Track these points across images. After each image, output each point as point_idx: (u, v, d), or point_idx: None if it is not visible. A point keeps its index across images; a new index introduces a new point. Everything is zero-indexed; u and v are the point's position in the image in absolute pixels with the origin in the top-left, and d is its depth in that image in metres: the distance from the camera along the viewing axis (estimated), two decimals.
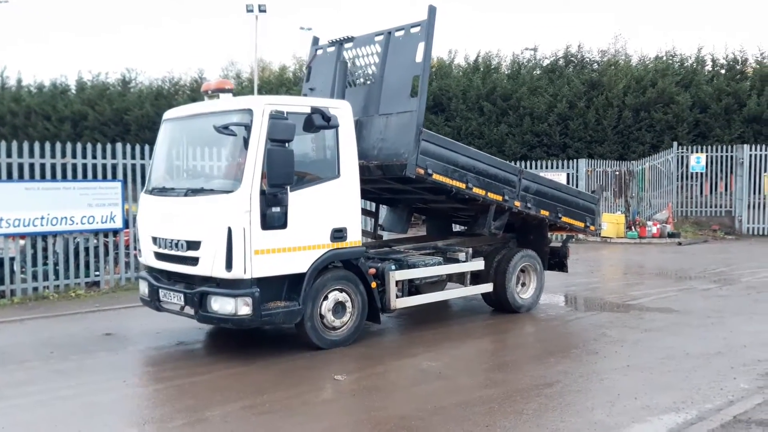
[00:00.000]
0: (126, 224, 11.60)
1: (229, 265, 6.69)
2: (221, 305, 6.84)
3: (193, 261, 7.02)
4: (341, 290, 7.48)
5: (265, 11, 39.05)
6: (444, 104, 31.35)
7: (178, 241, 7.18)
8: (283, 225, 6.89)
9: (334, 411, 5.71)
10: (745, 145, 23.53)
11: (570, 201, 10.22)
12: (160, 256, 7.54)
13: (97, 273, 11.46)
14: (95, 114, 37.08)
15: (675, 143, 24.42)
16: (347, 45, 9.15)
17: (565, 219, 9.99)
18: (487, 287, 9.21)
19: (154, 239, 7.58)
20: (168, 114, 8.17)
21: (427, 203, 9.68)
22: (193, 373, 6.69)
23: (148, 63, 76.67)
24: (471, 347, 7.90)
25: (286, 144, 6.81)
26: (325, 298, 7.34)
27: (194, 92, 39.32)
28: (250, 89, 37.48)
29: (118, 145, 11.81)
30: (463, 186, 8.52)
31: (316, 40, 9.88)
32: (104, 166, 11.52)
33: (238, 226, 6.66)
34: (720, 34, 69.19)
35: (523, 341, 8.21)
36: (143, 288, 7.88)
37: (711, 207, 24.02)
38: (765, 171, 23.18)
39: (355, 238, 7.57)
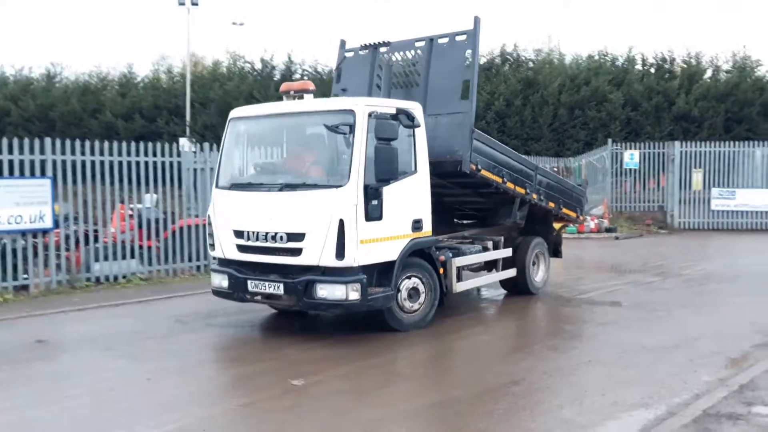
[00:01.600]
0: (56, 224, 10.91)
1: (340, 254, 7.16)
2: (330, 292, 7.25)
3: (295, 252, 7.40)
4: (415, 276, 7.99)
5: (197, 4, 37.87)
6: None
7: (276, 233, 7.49)
8: (380, 217, 7.43)
9: (284, 420, 5.40)
10: (676, 142, 24.25)
11: (568, 193, 11.41)
12: (247, 249, 7.79)
13: (25, 276, 10.73)
14: (18, 110, 35.29)
15: (610, 140, 24.97)
16: (382, 49, 9.63)
17: (564, 210, 11.12)
18: (513, 272, 9.96)
19: (239, 233, 7.81)
20: (237, 113, 8.50)
21: (442, 198, 9.44)
22: (136, 379, 6.26)
23: (73, 58, 73.70)
24: (431, 347, 7.68)
25: (391, 142, 7.38)
26: (400, 287, 7.82)
27: (123, 87, 38.02)
28: (182, 83, 36.42)
29: (47, 140, 11.10)
30: (500, 180, 9.31)
31: (343, 44, 10.24)
32: (32, 163, 10.80)
33: (348, 217, 7.15)
34: (649, 34, 71.60)
35: (483, 339, 8.04)
36: (219, 281, 8.16)
37: (644, 202, 24.68)
38: (694, 167, 24.00)
39: (427, 228, 8.12)
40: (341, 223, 7.14)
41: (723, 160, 23.87)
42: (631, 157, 24.37)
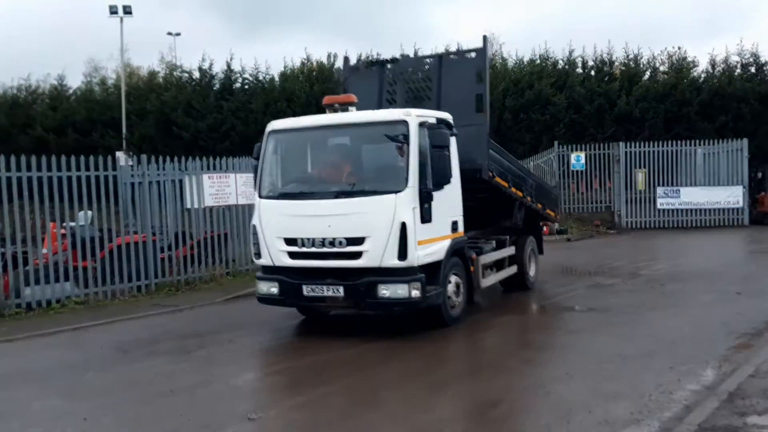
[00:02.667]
0: None
1: (402, 255, 7.58)
2: (393, 291, 7.65)
3: (355, 255, 7.75)
4: (454, 274, 8.48)
5: (130, 13, 36.62)
6: (328, 108, 30.60)
7: (335, 238, 7.80)
8: (430, 219, 7.84)
9: None
10: (621, 143, 24.47)
11: (550, 195, 12.60)
12: (301, 255, 8.04)
13: None
14: None
15: (556, 143, 25.02)
16: (389, 66, 10.24)
17: (548, 210, 12.10)
18: (515, 268, 10.66)
19: (292, 240, 8.06)
20: (277, 125, 8.69)
21: None
22: (71, 419, 5.54)
23: None
24: (395, 367, 7.14)
25: (445, 149, 8.01)
26: (449, 281, 8.32)
27: (54, 100, 36.40)
28: (117, 95, 35.11)
29: None
30: (506, 185, 10.03)
31: (347, 60, 11.05)
32: None
33: (409, 220, 7.60)
34: (589, 36, 73.12)
35: (450, 354, 7.59)
36: (267, 288, 8.36)
37: (591, 203, 24.81)
38: (637, 167, 24.27)
39: (462, 229, 8.71)
40: (403, 225, 7.57)
41: (666, 159, 24.23)
42: (578, 158, 24.48)
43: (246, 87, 33.81)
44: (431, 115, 8.25)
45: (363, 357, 7.31)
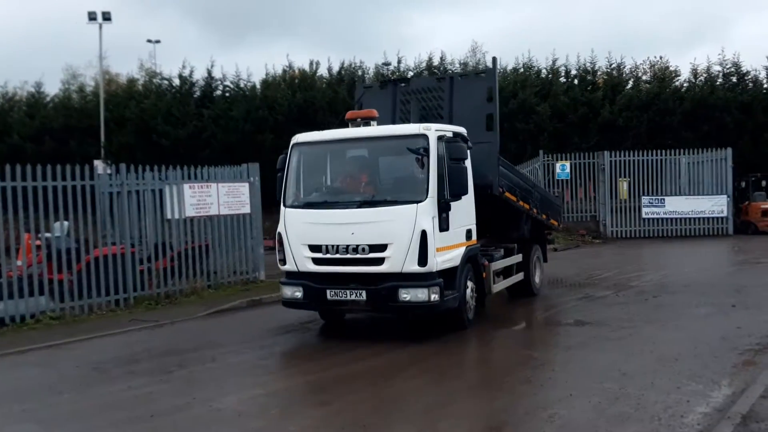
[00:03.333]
0: None
1: (423, 262, 7.98)
2: (413, 295, 8.04)
3: (378, 261, 8.14)
4: (469, 279, 8.92)
5: (110, 20, 36.06)
6: (310, 116, 30.27)
7: (358, 245, 8.17)
8: (447, 228, 8.31)
9: None
10: (605, 152, 24.38)
11: (553, 205, 13.10)
12: (325, 261, 8.42)
13: None
14: None
15: (541, 152, 24.88)
16: (402, 85, 10.86)
17: (551, 220, 12.56)
18: (521, 275, 11.04)
19: (316, 247, 8.45)
20: (301, 138, 9.09)
21: None
22: None
23: None
24: (378, 390, 6.81)
25: (463, 162, 8.36)
26: (466, 286, 8.81)
27: (31, 107, 35.68)
28: (95, 102, 34.49)
29: None
30: (515, 199, 10.48)
31: (362, 79, 11.74)
32: None
33: (429, 228, 8.01)
34: (572, 45, 73.52)
35: (446, 372, 7.23)
36: (292, 292, 8.73)
37: (577, 212, 24.67)
38: (624, 176, 24.20)
39: (475, 237, 9.17)
40: (423, 233, 7.97)
41: (651, 168, 24.20)
42: (563, 167, 24.36)
43: (227, 94, 33.38)
44: (449, 130, 8.74)
45: (354, 380, 6.95)
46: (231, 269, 13.67)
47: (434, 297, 8.04)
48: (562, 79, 31.51)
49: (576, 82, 31.46)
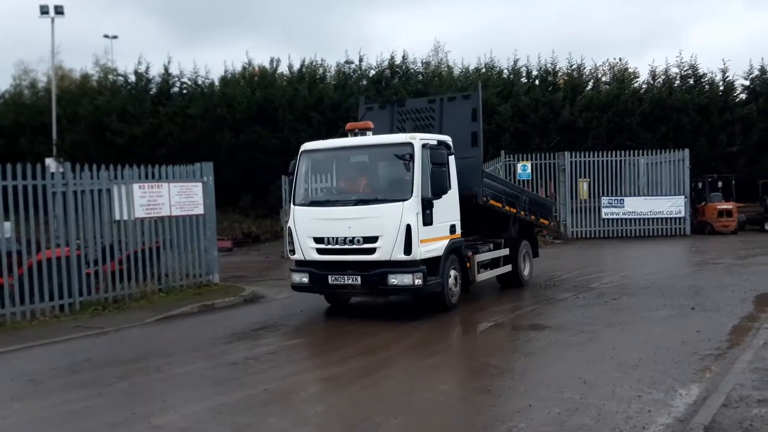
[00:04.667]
0: None
1: (408, 251, 9.32)
2: (400, 280, 9.39)
3: (370, 251, 9.49)
4: (453, 269, 10.22)
5: (62, 14, 35.01)
6: (270, 115, 29.81)
7: (354, 237, 9.55)
8: (431, 222, 9.61)
9: None
10: (566, 153, 24.45)
11: (543, 206, 14.46)
12: (327, 251, 9.82)
13: None
14: None
15: (503, 152, 24.83)
16: (398, 106, 12.36)
17: (541, 220, 13.94)
18: (509, 268, 12.29)
19: (320, 239, 9.84)
20: (310, 146, 10.59)
21: None
22: None
23: None
24: (330, 401, 6.51)
25: (443, 166, 9.68)
26: (449, 275, 10.07)
27: None
28: (47, 99, 33.47)
29: None
30: (500, 206, 11.80)
31: (363, 101, 13.19)
32: None
33: (413, 223, 9.34)
34: (533, 46, 74.08)
35: (396, 384, 6.96)
36: (299, 278, 10.17)
37: None
38: (582, 177, 24.29)
39: (459, 231, 10.42)
40: (408, 227, 9.31)
41: (610, 169, 24.34)
42: (524, 168, 24.32)
43: (184, 92, 32.72)
44: (433, 138, 10.08)
45: (303, 395, 6.63)
46: (183, 272, 13.20)
47: (418, 281, 9.36)
48: (524, 80, 31.66)
49: (537, 82, 31.63)
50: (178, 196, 12.87)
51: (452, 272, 10.21)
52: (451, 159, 10.19)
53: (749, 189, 26.34)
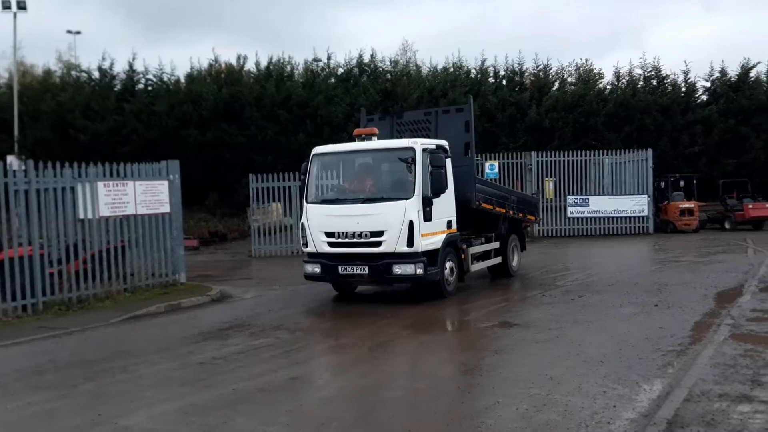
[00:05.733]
0: None
1: (410, 244, 10.43)
2: (404, 269, 10.49)
3: (376, 244, 10.61)
4: (450, 260, 11.31)
5: (25, 9, 34.25)
6: (236, 112, 29.56)
7: (362, 232, 10.67)
8: (431, 218, 10.75)
9: None
10: (533, 152, 24.71)
11: (530, 203, 15.73)
12: (337, 244, 10.94)
13: None
14: None
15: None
16: (397, 118, 13.51)
17: (528, 216, 15.12)
18: (499, 259, 13.51)
19: (331, 233, 10.95)
20: (321, 150, 11.62)
21: None
22: None
23: None
24: (306, 402, 6.50)
25: (442, 168, 10.79)
26: (446, 266, 11.17)
27: None
28: (8, 95, 32.74)
29: None
30: (491, 207, 12.90)
31: (365, 112, 14.21)
32: None
33: (415, 219, 10.47)
34: (500, 46, 74.59)
35: (367, 382, 6.97)
36: (312, 269, 11.23)
37: None
38: (548, 176, 24.57)
39: (455, 227, 11.56)
40: (411, 222, 10.43)
41: (575, 168, 24.67)
42: (491, 167, 24.49)
43: (149, 88, 32.27)
44: (432, 143, 11.25)
45: (269, 393, 6.60)
46: (149, 271, 13.03)
47: (419, 271, 10.45)
48: (491, 80, 31.89)
49: (504, 82, 31.89)
50: (143, 195, 12.71)
51: (449, 263, 11.25)
52: (448, 162, 11.23)
53: (710, 188, 26.94)
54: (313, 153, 11.54)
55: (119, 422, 5.64)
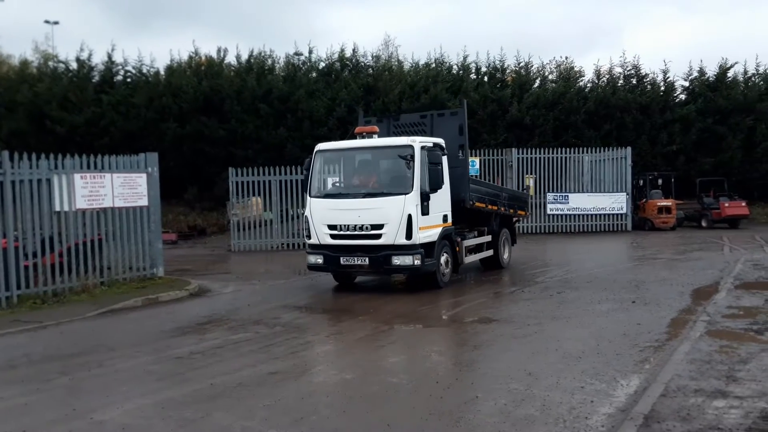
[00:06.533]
0: None
1: (409, 236, 11.01)
2: (402, 260, 11.10)
3: (376, 236, 11.17)
4: (445, 252, 11.94)
5: None
6: (217, 105, 29.33)
7: (363, 225, 11.22)
8: (428, 213, 11.29)
9: None
10: (513, 149, 24.81)
11: (520, 199, 16.28)
12: (339, 236, 11.47)
13: None
14: None
15: None
16: (394, 120, 14.18)
17: (519, 211, 15.82)
18: (491, 252, 14.18)
19: (333, 226, 11.49)
20: (323, 146, 12.23)
21: None
22: None
23: None
24: (280, 394, 6.46)
25: (439, 165, 11.41)
26: (441, 258, 11.74)
27: None
28: None
29: None
30: (484, 206, 13.50)
31: (362, 114, 14.84)
32: None
33: (414, 213, 11.01)
34: (482, 42, 74.67)
35: (347, 378, 6.95)
36: (315, 259, 11.79)
37: None
38: (528, 173, 24.69)
39: (450, 221, 12.11)
40: (410, 216, 10.99)
41: (555, 165, 24.81)
42: (472, 164, 24.37)
43: (128, 80, 31.89)
44: (430, 141, 11.78)
45: (243, 388, 6.56)
46: (126, 265, 12.90)
47: (417, 262, 11.07)
48: (473, 76, 31.93)
49: (486, 79, 31.95)
50: (121, 187, 12.56)
51: (444, 255, 11.87)
52: (444, 159, 11.79)
53: (688, 187, 27.25)
54: (316, 149, 12.09)
55: (94, 417, 5.57)
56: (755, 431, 4.89)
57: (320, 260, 11.65)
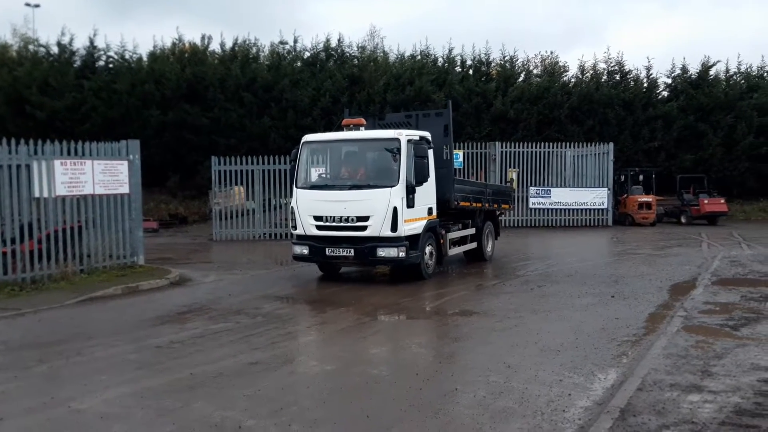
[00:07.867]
0: None
1: (394, 229, 11.13)
2: (387, 252, 11.18)
3: (362, 228, 11.25)
4: (429, 244, 12.02)
5: None
6: (200, 93, 29.11)
7: (348, 216, 11.27)
8: (413, 205, 11.38)
9: None
10: (497, 143, 24.90)
11: (504, 193, 16.83)
12: (325, 228, 11.53)
13: None
14: None
15: None
16: (379, 120, 14.48)
17: (503, 205, 16.30)
18: (475, 245, 14.43)
19: (319, 217, 11.54)
20: (310, 138, 12.33)
21: None
22: None
23: None
24: (260, 384, 6.47)
25: (424, 158, 11.58)
26: (425, 250, 11.88)
27: None
28: None
29: None
30: (469, 204, 13.72)
31: (346, 113, 14.45)
32: None
33: (399, 205, 11.14)
34: (467, 35, 74.68)
35: (327, 369, 6.96)
36: (301, 250, 11.84)
37: None
38: (511, 167, 24.81)
39: (434, 214, 12.27)
40: (395, 209, 11.11)
41: (538, 160, 24.95)
42: (456, 156, 24.47)
43: (110, 66, 31.56)
44: (416, 134, 11.95)
45: (225, 377, 6.55)
46: (106, 253, 12.80)
47: (401, 254, 11.18)
48: (458, 69, 31.97)
49: (471, 72, 32.00)
50: (102, 174, 12.45)
51: (428, 248, 11.98)
52: (431, 152, 11.96)
53: (668, 183, 27.52)
54: (303, 141, 12.12)
55: (72, 405, 5.54)
56: (728, 425, 4.98)
57: (306, 251, 11.69)
